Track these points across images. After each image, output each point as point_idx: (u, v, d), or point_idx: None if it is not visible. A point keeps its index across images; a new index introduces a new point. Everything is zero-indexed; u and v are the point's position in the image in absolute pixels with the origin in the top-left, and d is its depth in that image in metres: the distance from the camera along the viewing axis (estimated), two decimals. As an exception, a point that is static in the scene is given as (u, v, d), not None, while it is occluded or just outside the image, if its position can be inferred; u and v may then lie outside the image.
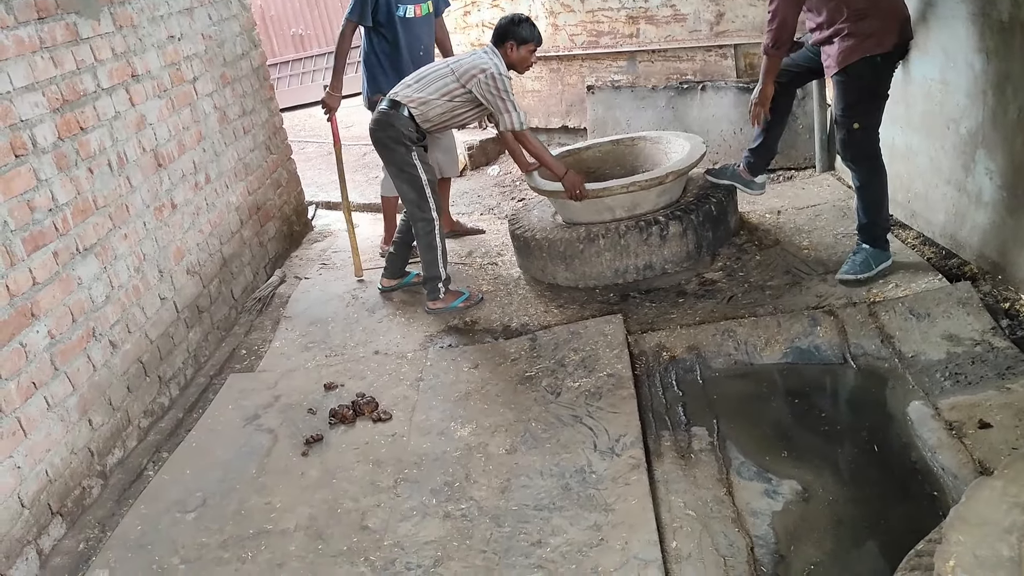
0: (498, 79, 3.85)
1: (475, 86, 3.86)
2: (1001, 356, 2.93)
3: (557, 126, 6.65)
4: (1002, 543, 1.24)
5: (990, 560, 1.22)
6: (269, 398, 3.62)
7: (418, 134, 3.99)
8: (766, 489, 2.62)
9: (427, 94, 3.93)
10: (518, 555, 2.46)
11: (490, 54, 3.94)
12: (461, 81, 3.89)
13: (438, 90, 3.92)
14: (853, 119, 3.37)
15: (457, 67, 3.93)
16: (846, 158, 3.49)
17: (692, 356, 3.41)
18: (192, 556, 2.70)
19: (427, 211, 4.04)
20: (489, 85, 3.85)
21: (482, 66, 3.86)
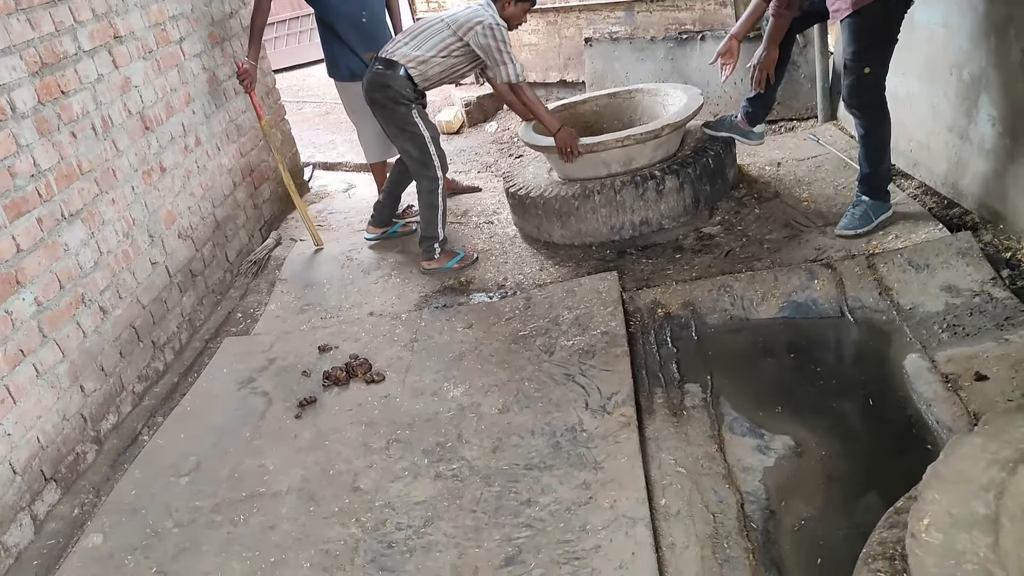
0: (496, 29, 3.78)
1: (472, 38, 3.80)
2: (1000, 307, 2.88)
3: (555, 80, 6.54)
4: (978, 501, 1.20)
5: (965, 518, 1.18)
6: (264, 361, 3.61)
7: (416, 92, 3.92)
8: (758, 445, 2.59)
9: (424, 51, 3.86)
10: (507, 514, 2.45)
11: (486, 6, 3.86)
12: (459, 34, 3.82)
13: (435, 46, 3.85)
14: (864, 64, 3.26)
15: (453, 21, 3.86)
16: (852, 105, 3.39)
17: (687, 312, 3.37)
18: (185, 519, 2.71)
19: (432, 169, 4.00)
20: (488, 35, 3.78)
21: (479, 18, 3.79)
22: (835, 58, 4.75)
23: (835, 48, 4.73)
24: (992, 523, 1.16)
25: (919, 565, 1.13)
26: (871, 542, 1.36)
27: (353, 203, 5.39)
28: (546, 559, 2.24)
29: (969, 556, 1.12)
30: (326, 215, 5.20)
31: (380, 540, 2.47)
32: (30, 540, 2.74)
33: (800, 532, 2.26)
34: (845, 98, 3.42)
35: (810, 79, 5.04)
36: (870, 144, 3.44)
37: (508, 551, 2.31)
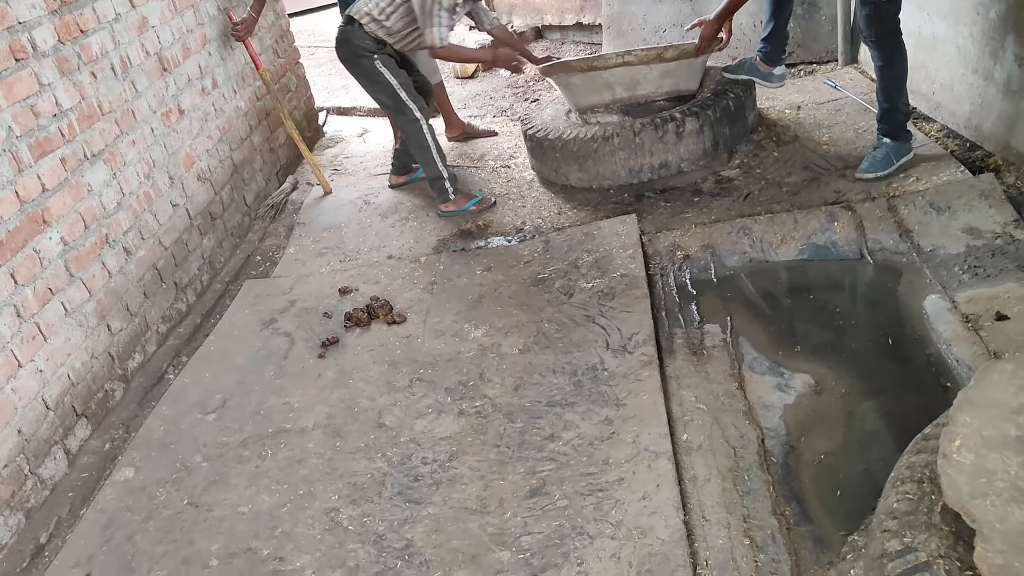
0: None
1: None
2: (1022, 248, 2.87)
3: (571, 23, 6.46)
4: (1009, 423, 1.23)
5: (996, 440, 1.21)
6: (285, 303, 3.64)
7: (377, 43, 3.91)
8: (778, 383, 2.62)
9: (375, 7, 3.83)
10: (531, 449, 2.50)
11: None
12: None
13: (387, 2, 3.82)
14: None
15: None
16: (870, 36, 3.34)
17: (707, 255, 3.38)
18: (214, 454, 2.77)
19: (408, 112, 4.01)
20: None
21: None
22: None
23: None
24: (1022, 444, 1.19)
25: (951, 483, 1.16)
26: (899, 466, 1.39)
27: (368, 147, 5.37)
28: (570, 491, 2.29)
29: (1000, 475, 1.15)
30: (342, 159, 5.20)
31: (406, 474, 2.53)
32: (64, 473, 2.81)
33: (820, 466, 2.31)
34: (863, 29, 3.37)
35: (831, 21, 4.96)
36: (888, 76, 3.40)
37: (533, 483, 2.36)
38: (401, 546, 2.25)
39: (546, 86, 5.91)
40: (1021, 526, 1.08)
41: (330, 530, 2.36)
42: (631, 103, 4.09)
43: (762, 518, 2.12)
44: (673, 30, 5.50)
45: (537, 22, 6.78)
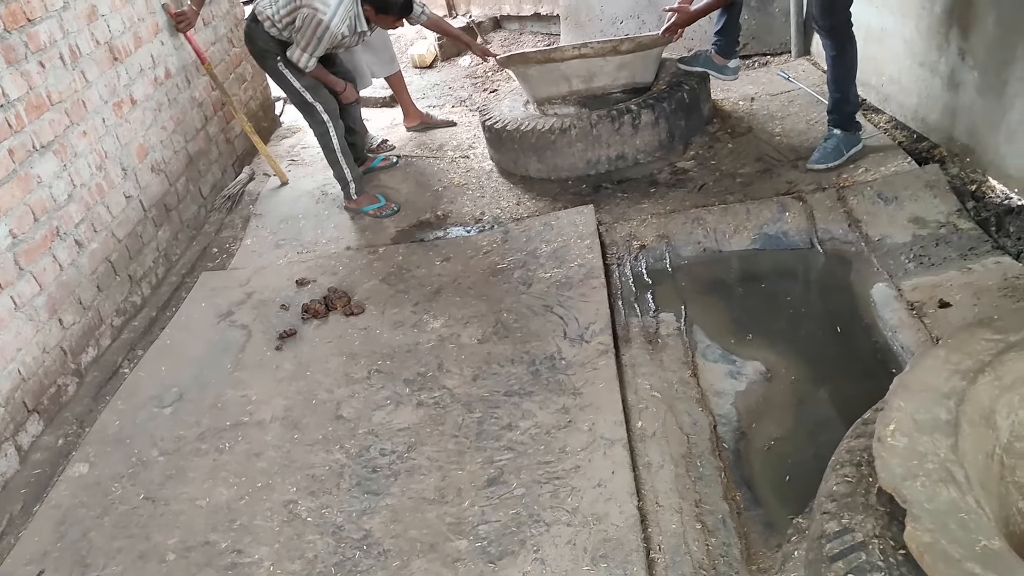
0: (318, 27, 3.62)
1: (299, 16, 3.65)
2: (965, 237, 2.96)
3: (529, 13, 6.47)
4: (940, 407, 1.28)
5: (928, 423, 1.26)
6: (242, 295, 3.62)
7: (281, 45, 3.82)
8: (730, 370, 2.68)
9: (275, 11, 3.72)
10: (489, 439, 2.52)
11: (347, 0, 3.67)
12: (299, 2, 3.66)
13: (285, 6, 3.71)
14: None
15: None
16: (824, 27, 3.41)
17: (662, 245, 3.43)
18: (171, 448, 2.76)
19: (315, 114, 3.98)
20: (306, 22, 3.64)
21: (317, 6, 3.60)
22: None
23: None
24: (953, 427, 1.24)
25: (884, 466, 1.21)
26: (839, 451, 1.44)
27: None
28: (527, 479, 2.32)
29: (931, 457, 1.20)
30: (299, 150, 5.16)
31: (364, 465, 2.54)
32: (16, 469, 2.77)
33: (770, 451, 2.37)
34: (816, 19, 3.43)
35: (784, 13, 5.03)
36: (839, 66, 3.47)
37: (490, 472, 2.39)
38: (359, 537, 2.27)
39: (504, 76, 5.92)
40: (948, 505, 1.13)
41: (288, 522, 2.37)
42: (588, 95, 4.12)
43: (714, 503, 2.17)
44: (630, 21, 5.55)
45: (495, 12, 6.78)
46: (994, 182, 3.18)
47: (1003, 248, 2.86)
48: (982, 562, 1.05)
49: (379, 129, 5.22)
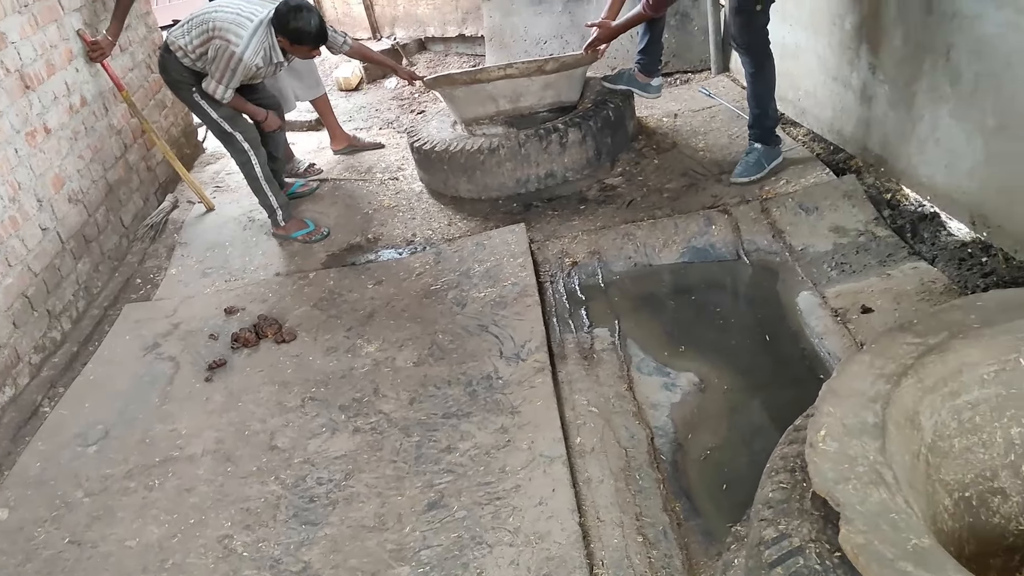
0: (231, 59, 3.57)
1: (212, 48, 3.61)
2: (883, 244, 3.07)
3: (454, 35, 6.50)
4: (868, 411, 1.32)
5: (856, 427, 1.29)
6: (168, 326, 3.52)
7: (196, 76, 3.76)
8: (665, 382, 2.71)
9: (188, 41, 3.67)
10: (428, 462, 2.50)
11: (260, 30, 3.60)
12: (212, 34, 3.61)
13: (199, 37, 3.66)
14: (757, 0, 3.38)
15: (214, 19, 3.61)
16: (743, 44, 3.50)
17: (594, 261, 3.46)
18: (97, 488, 2.66)
19: (235, 143, 3.92)
20: (219, 54, 3.58)
21: (230, 38, 3.55)
22: (726, 10, 4.88)
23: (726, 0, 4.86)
24: (880, 430, 1.27)
25: (817, 470, 1.24)
26: (773, 457, 1.47)
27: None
28: (468, 501, 2.30)
29: (860, 460, 1.23)
30: (224, 176, 5.06)
31: (301, 495, 2.49)
32: (-71, 519, 2.63)
33: (706, 461, 2.40)
34: (736, 37, 3.53)
35: (703, 32, 5.17)
36: (759, 82, 3.58)
37: (431, 496, 2.36)
38: (298, 569, 2.22)
39: (431, 98, 5.93)
40: (879, 506, 1.16)
41: (224, 558, 2.30)
42: (515, 115, 4.16)
43: (654, 515, 2.19)
44: (554, 41, 5.62)
45: (420, 34, 6.79)
46: (907, 190, 3.31)
47: (919, 254, 2.97)
48: (914, 560, 1.08)
49: (306, 153, 5.17)
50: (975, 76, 2.79)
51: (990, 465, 1.44)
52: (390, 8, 6.85)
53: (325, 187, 4.65)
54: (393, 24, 6.92)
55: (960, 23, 2.82)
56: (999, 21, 2.62)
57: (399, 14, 6.82)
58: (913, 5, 3.06)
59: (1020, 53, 2.56)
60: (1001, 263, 2.75)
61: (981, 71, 2.76)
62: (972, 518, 1.42)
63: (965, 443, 1.42)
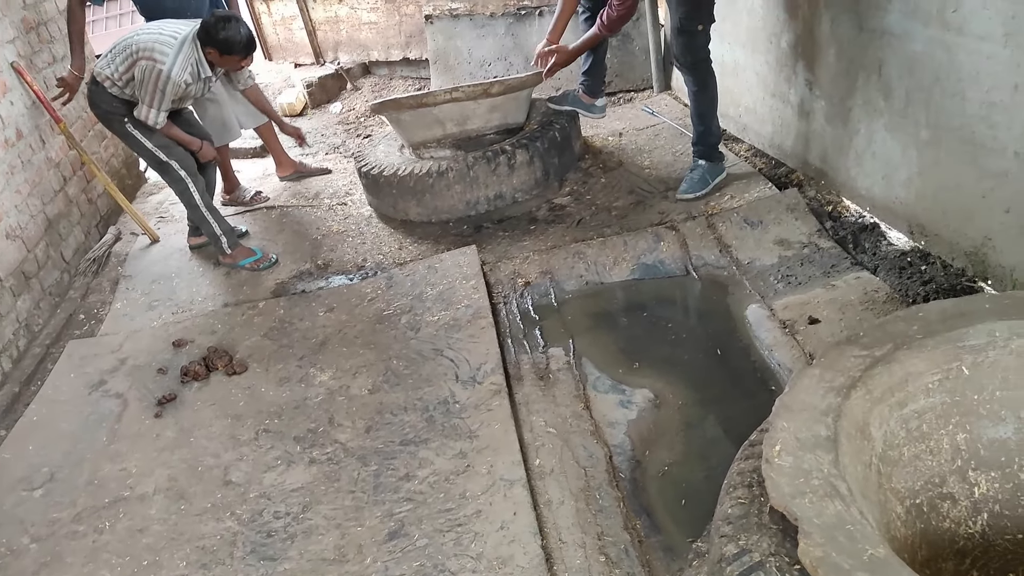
0: (159, 78, 3.54)
1: (138, 69, 3.58)
2: (826, 256, 3.15)
3: (398, 58, 6.51)
4: (820, 424, 1.35)
5: (810, 441, 1.32)
6: (114, 362, 3.44)
7: (127, 105, 3.72)
8: (621, 400, 2.73)
9: (113, 69, 3.63)
10: (387, 491, 2.48)
11: (185, 46, 3.58)
12: (136, 56, 3.57)
13: (123, 63, 3.62)
14: (698, 21, 3.44)
15: (137, 43, 3.58)
16: (686, 64, 3.56)
17: (546, 280, 3.48)
18: (44, 533, 2.57)
19: (171, 172, 3.87)
20: (147, 74, 3.55)
21: (155, 56, 3.53)
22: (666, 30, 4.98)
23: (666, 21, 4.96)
24: (832, 443, 1.30)
25: (774, 485, 1.26)
26: (731, 473, 1.49)
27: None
28: (429, 529, 2.29)
29: (815, 473, 1.26)
30: (168, 206, 4.98)
31: (258, 530, 2.44)
32: None
33: (664, 477, 2.42)
34: (678, 57, 3.59)
35: (644, 51, 5.26)
36: (703, 101, 3.65)
37: (391, 526, 2.34)
38: (258, 607, 2.17)
39: (377, 121, 5.92)
40: (835, 519, 1.18)
41: (180, 600, 2.25)
42: (462, 137, 4.18)
43: (615, 534, 2.20)
44: (498, 64, 5.66)
45: (364, 58, 6.79)
46: (848, 202, 3.40)
47: (861, 264, 3.05)
48: (870, 570, 1.11)
49: (251, 180, 5.12)
50: (906, 91, 2.89)
51: (938, 471, 1.48)
52: (333, 33, 6.83)
53: (273, 214, 4.60)
54: (336, 49, 6.90)
55: (889, 40, 2.92)
56: (926, 38, 2.72)
57: (342, 38, 6.81)
58: (844, 23, 3.16)
59: (947, 69, 2.66)
60: (939, 271, 2.84)
61: (912, 86, 2.86)
62: (923, 524, 1.46)
63: (914, 451, 1.46)
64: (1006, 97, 2.45)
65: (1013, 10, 2.34)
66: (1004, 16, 2.38)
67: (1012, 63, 2.39)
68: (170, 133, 3.76)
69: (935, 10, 2.64)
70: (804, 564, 1.13)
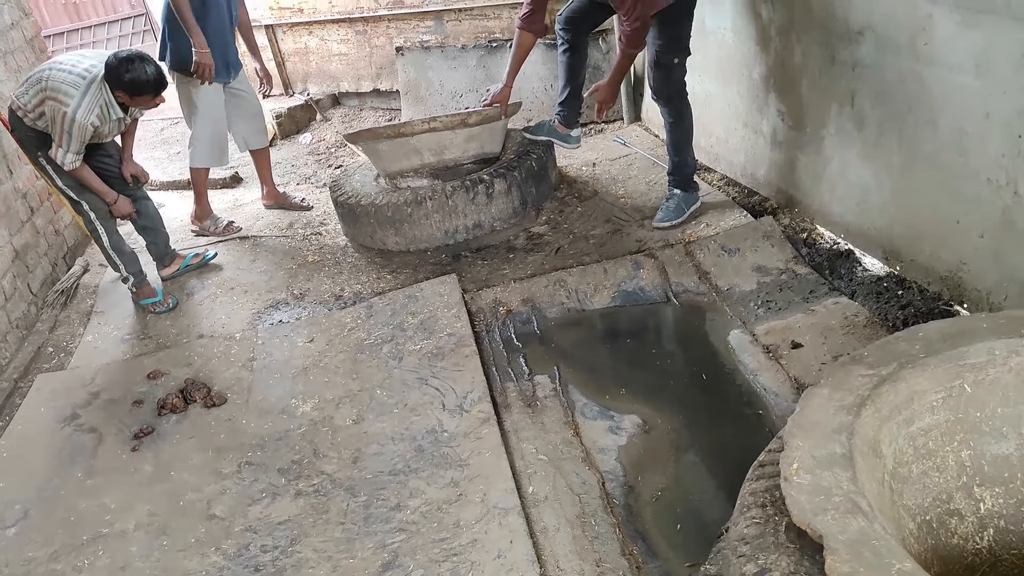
0: (63, 120, 3.44)
1: (47, 108, 3.48)
2: (804, 281, 3.21)
3: (368, 89, 6.52)
4: (834, 443, 1.37)
5: (826, 459, 1.34)
6: (86, 395, 3.35)
7: (42, 138, 3.62)
8: (610, 426, 2.74)
9: (26, 100, 3.55)
10: (378, 522, 2.44)
11: (92, 87, 3.47)
12: (45, 94, 3.47)
13: (34, 97, 3.52)
14: (674, 55, 3.50)
15: (48, 78, 3.47)
16: (662, 95, 3.62)
17: (528, 308, 3.49)
18: (19, 573, 2.48)
19: (82, 211, 3.81)
20: (54, 116, 3.46)
21: (60, 98, 3.43)
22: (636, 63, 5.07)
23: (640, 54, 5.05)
24: (849, 460, 1.32)
25: (794, 503, 1.27)
26: (743, 494, 1.49)
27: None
28: (424, 559, 2.25)
29: (835, 490, 1.27)
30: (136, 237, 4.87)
31: (246, 565, 2.39)
32: None
33: (658, 502, 2.43)
34: (655, 89, 3.65)
35: (614, 83, 5.33)
36: (678, 132, 3.71)
37: (384, 557, 2.30)
38: (250, 644, 2.12)
39: (348, 152, 5.91)
40: (859, 534, 1.19)
41: (167, 639, 2.18)
42: (439, 167, 4.19)
43: (613, 560, 2.19)
44: (469, 95, 5.71)
45: (334, 89, 6.79)
46: (822, 229, 3.48)
47: (838, 289, 3.12)
48: (897, 584, 1.12)
49: (222, 210, 5.06)
50: (879, 120, 2.98)
51: (945, 488, 1.51)
52: (302, 64, 6.83)
53: (246, 244, 4.55)
54: (306, 80, 6.89)
55: (861, 72, 3.01)
56: (898, 69, 2.81)
57: (311, 70, 6.81)
58: (816, 55, 3.25)
59: (919, 98, 2.74)
60: (916, 295, 2.91)
61: (884, 115, 2.94)
62: (934, 540, 1.48)
63: (922, 468, 1.49)
64: (977, 125, 2.54)
65: (984, 42, 2.43)
66: (975, 48, 2.47)
67: (983, 92, 2.48)
68: (83, 177, 3.66)
69: (907, 42, 2.74)
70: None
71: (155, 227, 4.15)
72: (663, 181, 4.05)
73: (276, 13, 6.69)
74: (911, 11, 2.68)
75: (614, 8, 3.46)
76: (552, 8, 4.14)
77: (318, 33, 6.54)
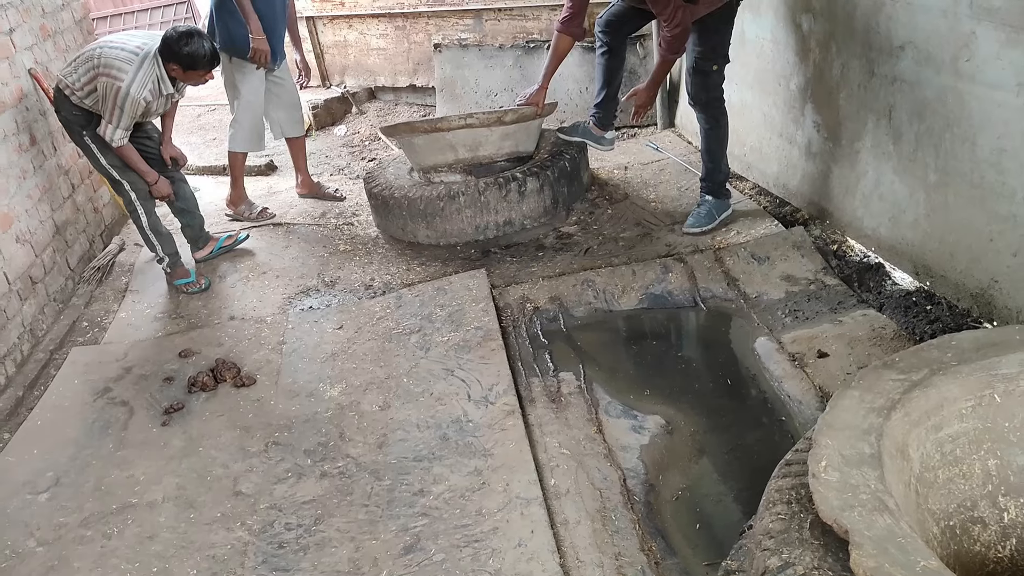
0: (117, 95, 3.51)
1: (100, 83, 3.55)
2: (832, 293, 3.21)
3: (404, 85, 6.58)
4: (863, 443, 1.39)
5: (855, 458, 1.36)
6: (119, 370, 3.42)
7: (88, 117, 3.70)
8: (633, 425, 2.76)
9: (76, 79, 3.62)
10: (401, 506, 2.48)
11: (146, 62, 3.55)
12: (97, 71, 3.54)
13: (85, 74, 3.59)
14: (712, 62, 3.53)
15: (101, 55, 3.55)
16: (699, 101, 3.65)
17: (555, 306, 3.52)
18: (50, 537, 2.55)
19: (122, 191, 3.88)
20: (107, 91, 3.53)
21: (114, 73, 3.51)
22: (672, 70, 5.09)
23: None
24: (877, 460, 1.34)
25: (822, 499, 1.29)
26: (769, 490, 1.52)
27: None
28: (446, 544, 2.29)
29: (862, 488, 1.30)
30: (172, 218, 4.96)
31: (270, 541, 2.43)
32: None
33: (678, 501, 2.45)
34: (692, 96, 3.68)
35: (650, 89, 5.35)
36: (713, 139, 3.73)
37: (406, 540, 2.34)
38: (273, 617, 2.16)
39: (382, 146, 5.98)
40: (885, 531, 1.22)
41: (192, 607, 2.23)
42: (472, 163, 4.23)
43: (632, 555, 2.21)
44: (505, 94, 5.75)
45: (370, 83, 6.86)
46: (853, 242, 3.48)
47: (867, 302, 3.12)
48: (921, 582, 1.14)
49: (256, 197, 5.13)
50: (916, 136, 2.98)
51: (970, 495, 1.53)
52: (341, 57, 6.91)
53: (279, 231, 4.62)
54: (343, 73, 6.97)
55: (901, 86, 3.01)
56: (938, 86, 2.81)
57: (350, 63, 6.89)
58: (856, 69, 3.26)
59: (958, 115, 2.75)
60: (945, 311, 2.91)
61: (922, 131, 2.95)
62: (956, 546, 1.50)
63: (948, 474, 1.50)
64: (1017, 144, 2.54)
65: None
66: (1017, 67, 2.48)
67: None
68: (127, 156, 3.73)
69: (948, 58, 2.74)
70: (857, 574, 1.17)
71: (191, 210, 4.21)
72: (694, 187, 4.07)
73: (318, 5, 6.78)
74: (954, 27, 2.69)
75: (655, 13, 3.50)
76: (592, 12, 4.17)
77: (358, 27, 6.62)
